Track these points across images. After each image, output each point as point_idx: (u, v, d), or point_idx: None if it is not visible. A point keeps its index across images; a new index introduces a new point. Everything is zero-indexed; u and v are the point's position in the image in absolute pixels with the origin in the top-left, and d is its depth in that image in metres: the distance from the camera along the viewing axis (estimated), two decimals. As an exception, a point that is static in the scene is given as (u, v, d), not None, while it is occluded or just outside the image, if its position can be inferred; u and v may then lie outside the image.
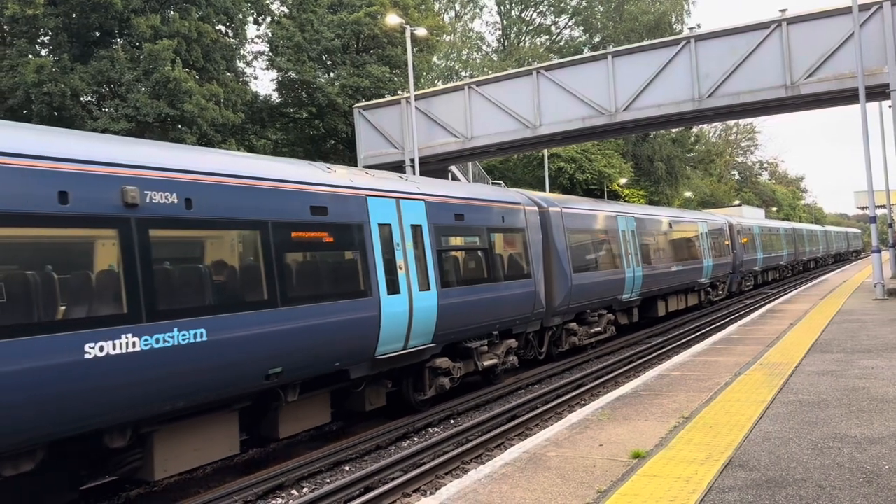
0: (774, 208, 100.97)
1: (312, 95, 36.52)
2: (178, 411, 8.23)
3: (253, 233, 9.08)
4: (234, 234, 8.95)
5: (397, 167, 27.71)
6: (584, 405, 11.95)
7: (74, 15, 28.92)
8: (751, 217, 50.18)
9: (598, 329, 19.57)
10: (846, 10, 21.23)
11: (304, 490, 9.30)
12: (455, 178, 30.79)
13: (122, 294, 7.42)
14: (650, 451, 7.28)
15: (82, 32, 29.68)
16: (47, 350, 6.67)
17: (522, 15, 65.31)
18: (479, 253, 14.09)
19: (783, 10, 22.66)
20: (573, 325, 18.30)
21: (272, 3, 38.68)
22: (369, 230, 11.01)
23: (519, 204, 16.06)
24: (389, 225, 11.55)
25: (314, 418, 10.81)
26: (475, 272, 13.89)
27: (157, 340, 7.55)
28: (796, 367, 11.34)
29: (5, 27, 28.94)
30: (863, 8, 21.02)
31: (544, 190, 40.00)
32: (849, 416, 8.05)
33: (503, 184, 37.66)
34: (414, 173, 26.17)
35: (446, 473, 9.54)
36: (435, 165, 28.60)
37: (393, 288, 11.27)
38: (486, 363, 14.11)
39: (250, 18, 37.20)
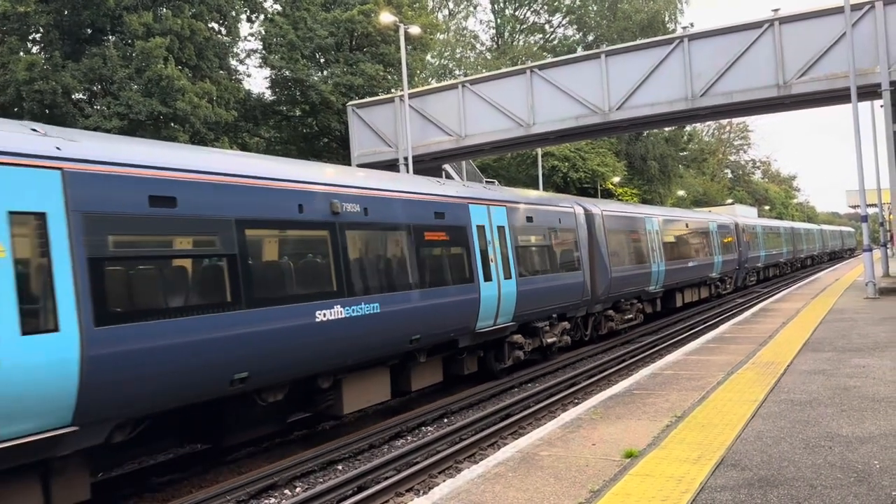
0: (767, 207, 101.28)
1: (306, 93, 36.43)
2: (358, 364, 11.12)
3: (402, 233, 12.14)
4: (391, 234, 11.97)
5: (391, 166, 27.67)
6: (577, 404, 11.97)
7: (66, 12, 28.77)
8: (744, 216, 50.50)
9: (630, 316, 22.56)
10: (838, 10, 21.29)
11: (297, 490, 9.28)
12: (449, 176, 30.75)
13: (332, 276, 10.40)
14: (643, 450, 7.29)
15: (74, 30, 29.53)
16: (296, 314, 9.58)
17: (516, 13, 65.31)
18: (544, 249, 17.18)
19: (776, 10, 22.71)
20: (611, 312, 21.13)
21: (265, 1, 38.58)
22: (471, 230, 14.07)
23: (570, 207, 19.11)
24: (483, 226, 14.55)
25: (432, 377, 13.67)
26: (541, 265, 16.84)
27: (353, 310, 10.55)
28: (788, 365, 11.38)
29: (-4, 24, 28.80)
30: (855, 8, 21.07)
31: (538, 188, 40.07)
32: (840, 416, 8.08)
33: (497, 182, 37.62)
34: (408, 172, 26.14)
35: (439, 473, 9.54)
36: (429, 164, 28.55)
37: (487, 276, 14.21)
38: (549, 340, 17.09)
39: (243, 16, 37.10)
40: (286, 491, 9.24)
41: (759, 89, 22.68)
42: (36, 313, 6.81)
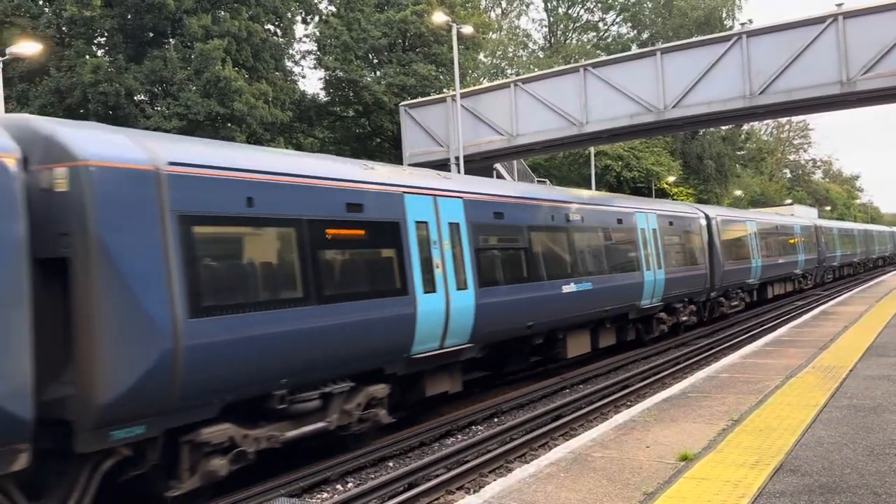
0: (828, 208, 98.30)
1: (359, 94, 36.76)
2: (575, 325, 15.59)
3: (600, 233, 16.93)
4: (594, 234, 16.71)
5: (442, 165, 27.70)
6: (630, 406, 11.82)
7: (129, 16, 29.61)
8: (803, 217, 49.47)
9: (736, 303, 26.19)
10: (906, 4, 20.54)
11: (349, 485, 9.38)
12: (500, 176, 30.68)
13: (568, 262, 15.31)
14: (698, 453, 7.17)
15: (137, 33, 30.38)
16: (554, 287, 14.47)
17: (569, 12, 64.77)
18: (680, 246, 21.46)
19: (839, 4, 22.01)
20: (722, 300, 24.87)
21: (320, 3, 39.06)
22: (637, 232, 18.69)
23: (695, 213, 23.57)
24: (644, 228, 19.11)
25: (610, 340, 17.86)
26: (678, 258, 21.03)
27: (578, 287, 15.23)
28: (851, 370, 11.05)
29: (63, 28, 29.77)
30: (924, 1, 20.31)
31: (590, 188, 39.76)
32: (906, 423, 7.81)
33: (548, 182, 37.42)
34: (459, 171, 26.16)
35: (490, 472, 9.51)
36: (480, 163, 28.52)
37: (647, 266, 18.68)
38: (682, 318, 21.46)
39: (298, 18, 37.61)
40: (338, 486, 9.35)
41: (821, 86, 22.00)
42: (459, 278, 11.86)
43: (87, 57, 28.71)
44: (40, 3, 29.79)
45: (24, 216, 6.51)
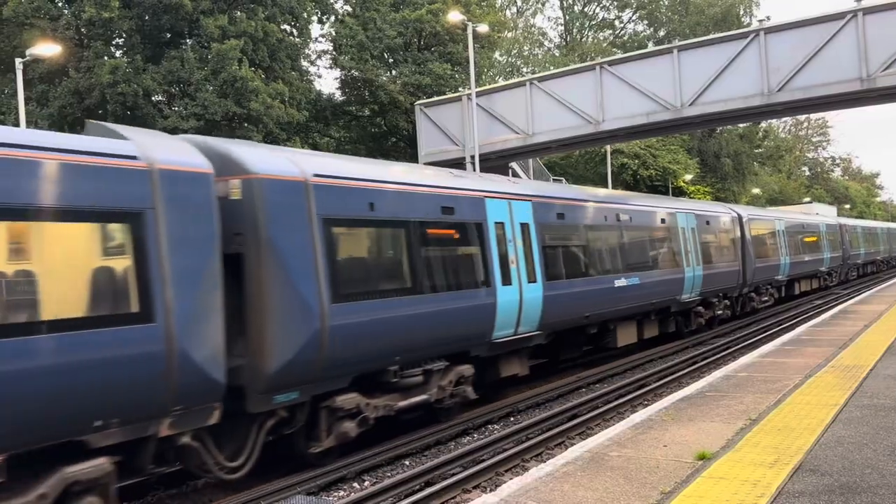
0: (847, 206, 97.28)
1: (374, 93, 36.82)
2: (624, 316, 16.82)
3: (644, 232, 18.20)
4: (640, 232, 17.95)
5: (457, 164, 27.66)
6: (647, 405, 11.76)
7: (147, 17, 29.85)
8: (823, 215, 49.16)
9: (766, 298, 27.63)
10: (927, -1, 20.27)
11: (366, 483, 9.40)
12: (515, 174, 30.61)
13: (619, 259, 16.45)
14: (716, 452, 7.13)
15: (154, 34, 30.61)
16: (607, 282, 15.73)
17: (585, 10, 64.56)
18: (715, 244, 22.60)
19: (859, 0, 21.78)
20: (753, 295, 26.23)
21: (336, 3, 39.16)
22: (677, 231, 19.90)
23: (728, 213, 24.99)
24: (684, 228, 20.32)
25: (653, 332, 18.99)
26: (713, 256, 22.10)
27: (628, 281, 16.47)
28: (871, 369, 10.94)
29: (82, 30, 30.05)
30: (946, -4, 20.03)
31: (607, 186, 39.62)
32: (928, 422, 7.72)
33: (564, 180, 37.32)
34: (474, 170, 26.13)
35: (506, 471, 9.51)
36: (495, 162, 28.43)
37: (688, 263, 19.99)
38: (717, 312, 22.75)
39: (314, 18, 37.72)
40: (355, 484, 9.37)
41: (840, 83, 21.74)
42: (530, 272, 13.15)
43: (106, 58, 28.94)
44: (59, 4, 30.07)
45: (218, 219, 7.90)
